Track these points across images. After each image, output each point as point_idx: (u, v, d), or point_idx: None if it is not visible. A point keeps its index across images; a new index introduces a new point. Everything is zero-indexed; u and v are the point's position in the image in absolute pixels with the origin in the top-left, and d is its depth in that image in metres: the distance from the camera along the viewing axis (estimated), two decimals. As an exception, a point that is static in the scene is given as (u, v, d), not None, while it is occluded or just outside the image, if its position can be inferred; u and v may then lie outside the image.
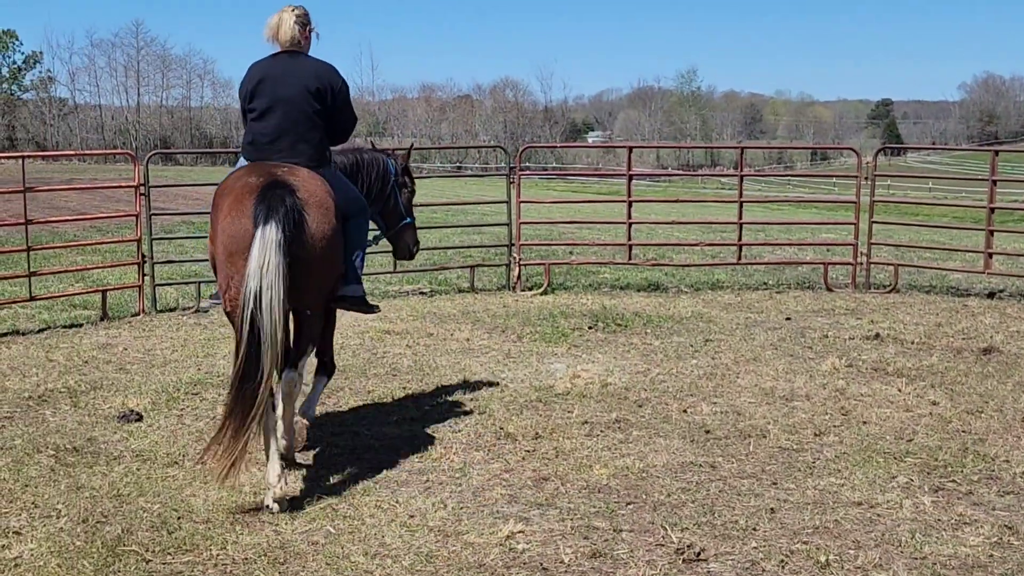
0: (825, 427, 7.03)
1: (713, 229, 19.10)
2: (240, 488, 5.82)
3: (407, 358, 9.17)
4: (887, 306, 11.90)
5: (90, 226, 20.85)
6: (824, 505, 5.57)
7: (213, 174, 60.45)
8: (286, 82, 6.24)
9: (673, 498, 5.69)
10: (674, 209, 24.10)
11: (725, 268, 14.41)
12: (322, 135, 6.36)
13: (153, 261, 11.73)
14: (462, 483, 5.96)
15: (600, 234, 19.27)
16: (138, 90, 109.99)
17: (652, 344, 9.76)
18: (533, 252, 15.11)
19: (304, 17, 6.43)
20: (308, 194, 5.74)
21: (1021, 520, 5.33)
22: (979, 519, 5.35)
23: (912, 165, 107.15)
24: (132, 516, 5.41)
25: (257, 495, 5.72)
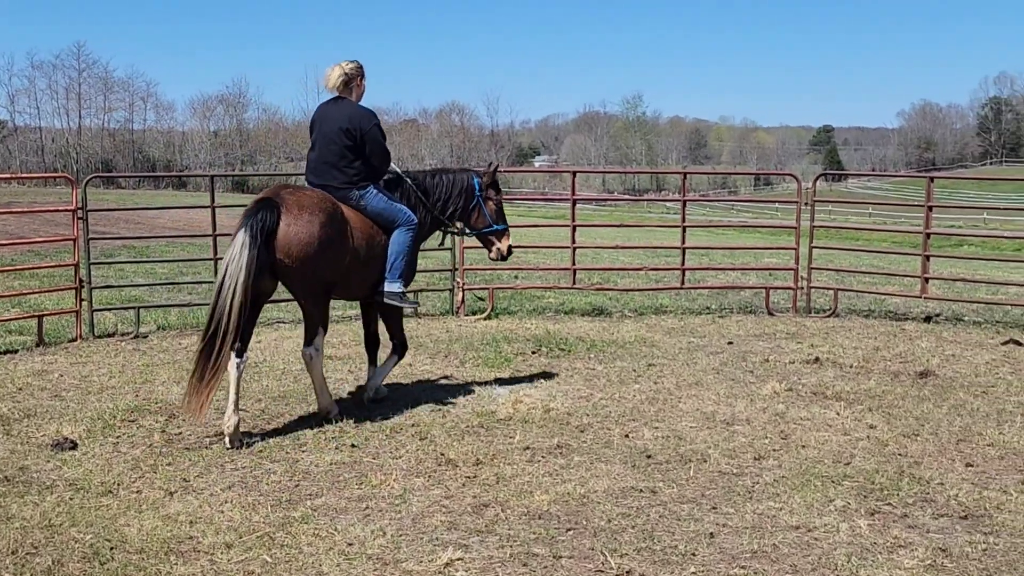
0: (765, 451, 7.08)
1: (657, 254, 19.27)
2: (175, 517, 5.74)
3: (349, 384, 9.11)
4: (827, 330, 12.03)
5: (28, 250, 20.52)
6: (762, 529, 5.60)
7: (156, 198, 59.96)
8: (327, 122, 7.90)
9: (613, 524, 5.68)
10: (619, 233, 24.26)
11: (669, 293, 14.50)
12: (355, 164, 7.86)
13: (91, 286, 11.56)
14: (402, 510, 5.91)
15: (545, 258, 19.33)
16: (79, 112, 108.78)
17: (595, 369, 9.78)
18: (477, 276, 15.11)
19: (353, 71, 8.01)
20: (292, 207, 7.24)
21: (955, 543, 5.40)
22: (914, 542, 5.41)
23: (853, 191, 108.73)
24: (64, 547, 5.30)
25: (193, 524, 5.64)
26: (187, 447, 7.15)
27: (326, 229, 7.34)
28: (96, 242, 13.32)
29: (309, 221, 7.25)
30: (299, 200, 7.34)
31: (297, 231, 7.19)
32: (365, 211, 7.90)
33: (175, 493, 6.19)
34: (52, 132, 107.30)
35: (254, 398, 8.53)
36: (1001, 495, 6.17)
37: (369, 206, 7.90)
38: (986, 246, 37.84)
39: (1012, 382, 9.31)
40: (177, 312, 12.73)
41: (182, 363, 9.89)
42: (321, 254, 7.32)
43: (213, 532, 5.52)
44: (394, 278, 7.99)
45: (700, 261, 18.76)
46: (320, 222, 7.31)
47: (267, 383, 9.07)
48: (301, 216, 7.24)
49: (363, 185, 7.89)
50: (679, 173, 15.86)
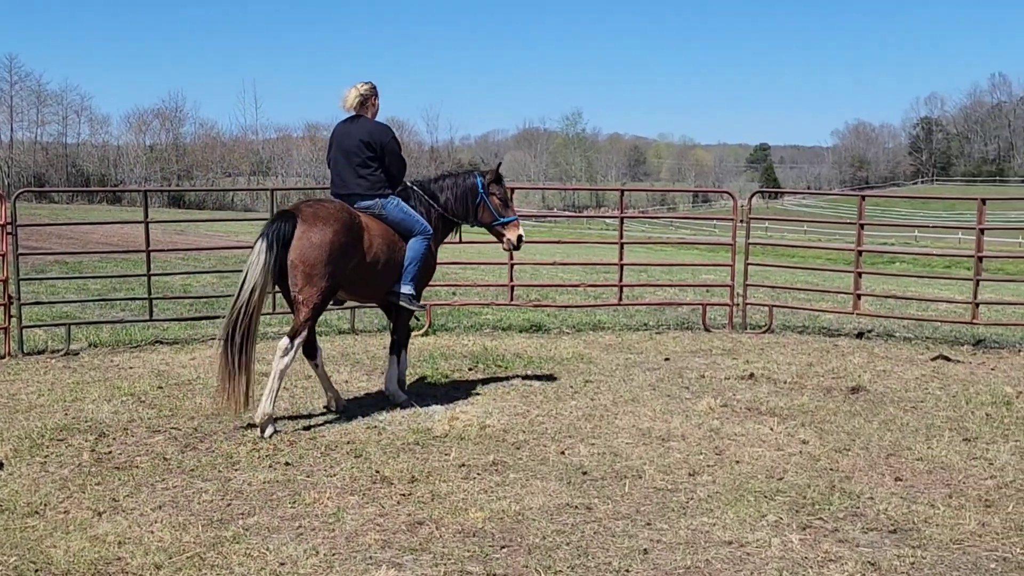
0: (699, 467, 7.12)
1: (596, 270, 19.36)
2: (104, 538, 5.63)
3: (284, 400, 9.01)
4: (762, 346, 12.16)
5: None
6: (696, 545, 5.63)
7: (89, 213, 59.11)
8: (348, 138, 8.67)
9: (548, 541, 5.68)
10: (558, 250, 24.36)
11: (607, 309, 14.57)
12: (376, 173, 8.66)
13: (20, 302, 11.35)
14: (335, 528, 5.86)
15: (483, 275, 19.31)
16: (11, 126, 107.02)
17: (532, 385, 9.78)
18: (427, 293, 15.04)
19: (368, 92, 8.78)
20: (308, 219, 7.95)
21: (884, 556, 5.47)
22: (844, 556, 5.47)
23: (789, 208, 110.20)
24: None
25: (121, 545, 5.54)
26: (117, 466, 7.03)
27: (339, 238, 7.97)
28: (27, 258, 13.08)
29: (322, 231, 7.90)
30: (316, 211, 8.01)
31: (309, 240, 7.86)
32: (386, 220, 8.65)
33: (104, 513, 6.08)
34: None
35: (187, 416, 8.41)
36: (929, 509, 6.26)
37: (390, 216, 8.66)
38: (917, 263, 38.58)
39: (941, 397, 9.47)
40: (109, 329, 12.53)
41: (113, 380, 9.74)
42: (330, 263, 7.92)
43: (142, 553, 5.43)
44: (407, 282, 8.70)
45: (638, 278, 18.89)
46: (333, 231, 7.94)
47: (200, 400, 8.96)
48: (315, 226, 7.90)
49: (385, 194, 8.69)
50: (617, 190, 15.95)
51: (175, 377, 9.97)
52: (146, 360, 10.87)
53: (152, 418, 8.36)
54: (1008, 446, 7.74)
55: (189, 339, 12.22)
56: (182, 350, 11.49)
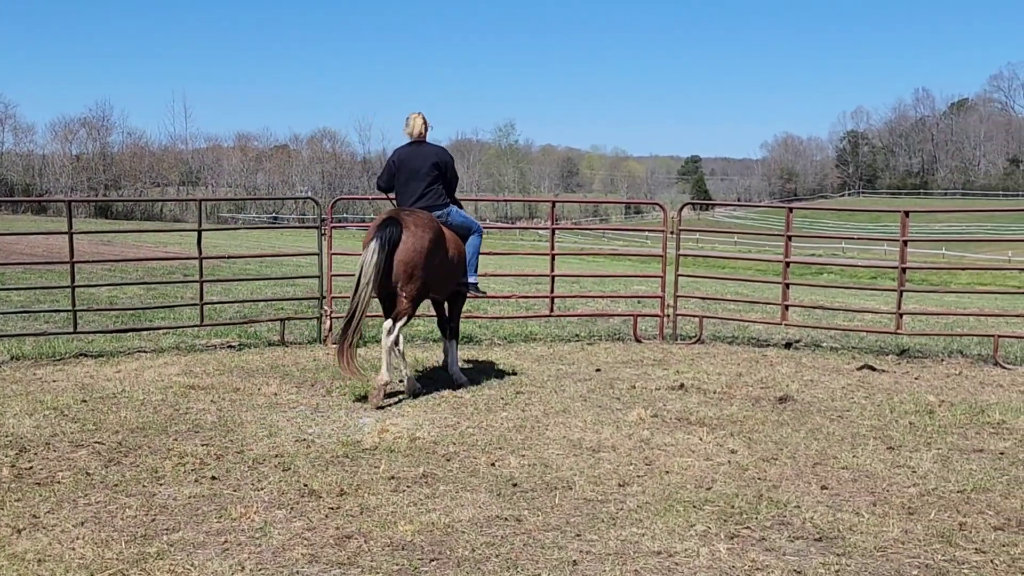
0: (629, 477, 7.15)
1: (528, 281, 19.39)
2: (23, 556, 5.50)
3: (211, 414, 8.90)
4: (692, 356, 12.26)
5: None
6: (625, 555, 5.64)
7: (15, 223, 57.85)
8: (417, 160, 10.19)
9: (477, 553, 5.66)
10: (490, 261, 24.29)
11: (538, 320, 14.59)
12: (440, 188, 10.26)
13: (-62, 314, 11.07)
14: (262, 543, 5.78)
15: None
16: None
17: (463, 397, 9.75)
18: (345, 304, 14.93)
19: (426, 121, 10.41)
20: (410, 226, 9.47)
21: (809, 564, 5.53)
22: (771, 565, 5.52)
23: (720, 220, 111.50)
24: (-101, 590, 5.03)
25: (41, 563, 5.41)
26: (38, 482, 6.88)
27: (433, 243, 9.54)
28: (-55, 269, 12.76)
29: (422, 237, 9.46)
30: (416, 220, 9.55)
31: (413, 244, 9.40)
32: (451, 225, 10.19)
33: (23, 530, 5.93)
34: None
35: (111, 430, 8.25)
36: (854, 517, 6.35)
37: (454, 222, 10.26)
38: (844, 274, 39.21)
39: (866, 406, 9.61)
40: (32, 341, 12.28)
41: (36, 394, 9.53)
42: (426, 263, 9.49)
43: (63, 571, 5.31)
44: (473, 272, 10.39)
45: (570, 289, 18.94)
46: (430, 237, 9.51)
47: (125, 414, 8.79)
48: (417, 232, 9.45)
49: (447, 204, 10.30)
50: (549, 201, 15.98)
51: (100, 390, 9.78)
52: (70, 373, 10.66)
53: (75, 432, 8.19)
54: (931, 454, 7.88)
55: (115, 351, 12.01)
56: (107, 363, 11.28)
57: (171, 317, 14.70)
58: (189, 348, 12.27)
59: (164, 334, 13.23)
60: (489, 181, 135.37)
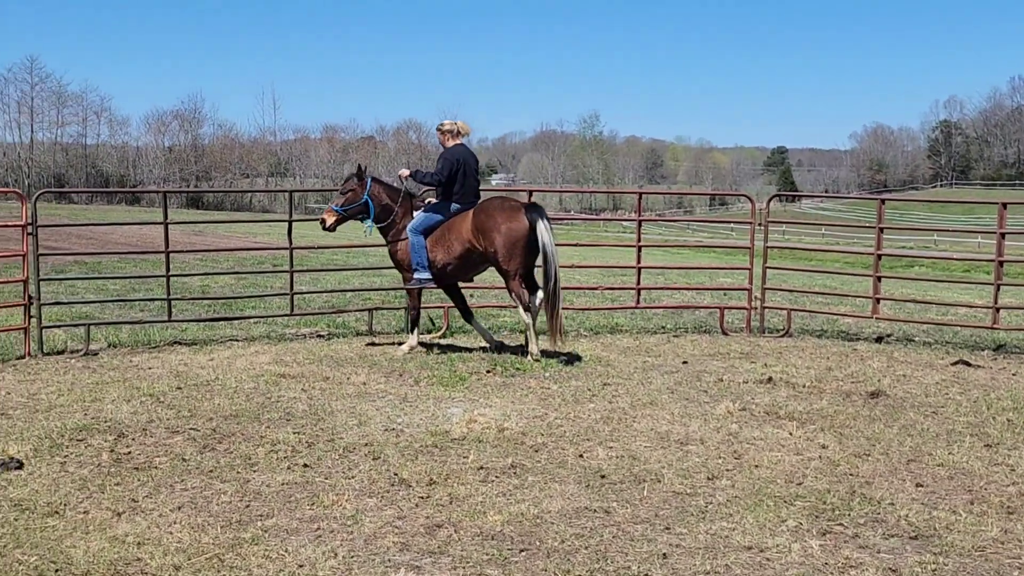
0: (718, 471, 7.10)
1: (613, 273, 19.34)
2: (123, 538, 5.65)
3: (302, 402, 9.04)
4: (780, 350, 12.12)
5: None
6: (715, 550, 5.60)
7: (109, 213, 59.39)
8: (472, 160, 11.55)
9: (566, 544, 5.67)
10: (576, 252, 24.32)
11: (624, 312, 14.55)
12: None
13: (40, 303, 11.40)
14: (354, 531, 5.86)
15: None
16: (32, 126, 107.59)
17: (550, 388, 9.77)
18: (433, 295, 15.06)
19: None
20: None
21: (905, 563, 5.43)
22: (865, 562, 5.43)
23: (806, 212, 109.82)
24: (7, 569, 5.20)
25: (140, 546, 5.55)
26: (136, 467, 7.05)
27: None
28: (47, 258, 13.14)
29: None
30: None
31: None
32: None
33: (123, 514, 6.09)
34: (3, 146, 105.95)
35: (205, 417, 8.43)
36: (950, 515, 6.22)
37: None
38: (936, 267, 38.41)
39: (962, 403, 9.41)
40: (128, 329, 12.58)
41: (133, 381, 9.78)
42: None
43: (161, 554, 5.44)
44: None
45: (656, 280, 18.85)
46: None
47: (219, 401, 8.98)
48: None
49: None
50: (636, 193, 15.91)
51: (194, 378, 9.99)
52: (165, 361, 10.91)
53: (171, 418, 8.38)
54: (1030, 452, 7.68)
55: (207, 340, 12.26)
56: (200, 351, 11.53)
57: (261, 306, 14.95)
58: (279, 337, 12.47)
59: (255, 323, 13.47)
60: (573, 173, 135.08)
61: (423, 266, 11.30)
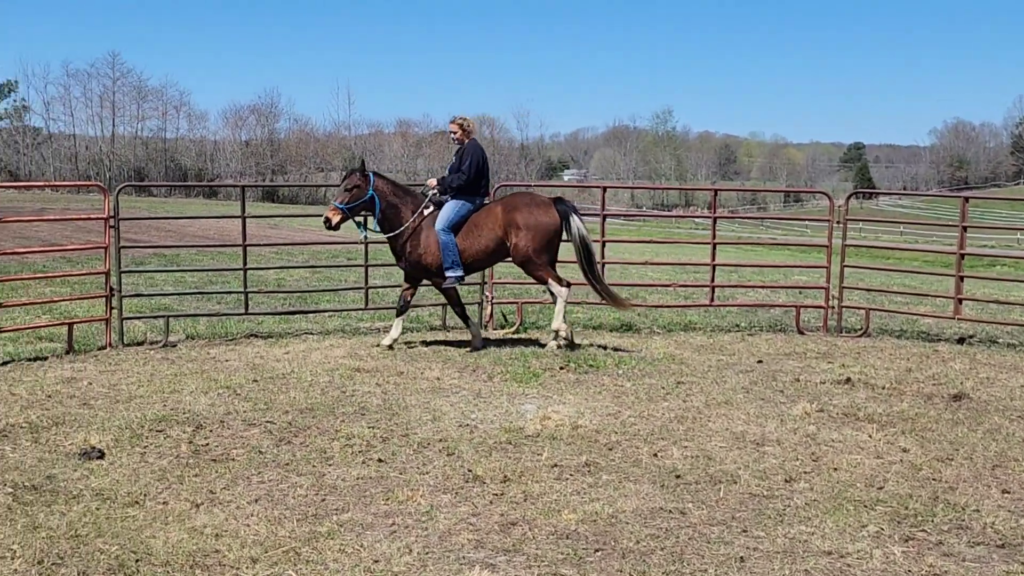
0: (796, 473, 6.98)
1: (686, 270, 19.15)
2: (201, 530, 5.71)
3: (376, 397, 9.08)
4: (858, 350, 11.91)
5: (60, 257, 20.64)
6: (794, 554, 5.51)
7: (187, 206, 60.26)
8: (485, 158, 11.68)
9: (642, 545, 5.61)
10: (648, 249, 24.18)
11: (698, 309, 14.41)
12: None
13: (121, 294, 11.59)
14: (428, 527, 5.86)
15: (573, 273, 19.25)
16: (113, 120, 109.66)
17: (623, 386, 9.70)
18: (506, 290, 15.07)
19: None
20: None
21: (991, 572, 5.29)
22: (949, 571, 5.30)
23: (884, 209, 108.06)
24: (89, 558, 5.29)
25: (218, 537, 5.61)
26: (214, 459, 7.14)
27: None
28: (127, 250, 13.35)
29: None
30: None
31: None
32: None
33: (201, 505, 6.17)
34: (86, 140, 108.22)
35: (281, 410, 8.51)
36: (1038, 523, 6.04)
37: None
38: (1019, 267, 37.50)
39: (1048, 407, 9.15)
40: (206, 322, 12.75)
41: (210, 373, 9.91)
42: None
43: (239, 546, 5.49)
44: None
45: (729, 278, 18.66)
46: None
47: (295, 395, 9.05)
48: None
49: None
50: (710, 190, 15.76)
51: (269, 371, 10.09)
52: (241, 353, 11.03)
53: (247, 411, 8.47)
54: (1121, 459, 7.44)
55: (283, 333, 12.38)
56: (276, 344, 11.64)
57: (336, 300, 15.05)
58: (354, 331, 12.55)
59: (330, 317, 13.57)
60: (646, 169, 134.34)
61: (457, 264, 11.22)
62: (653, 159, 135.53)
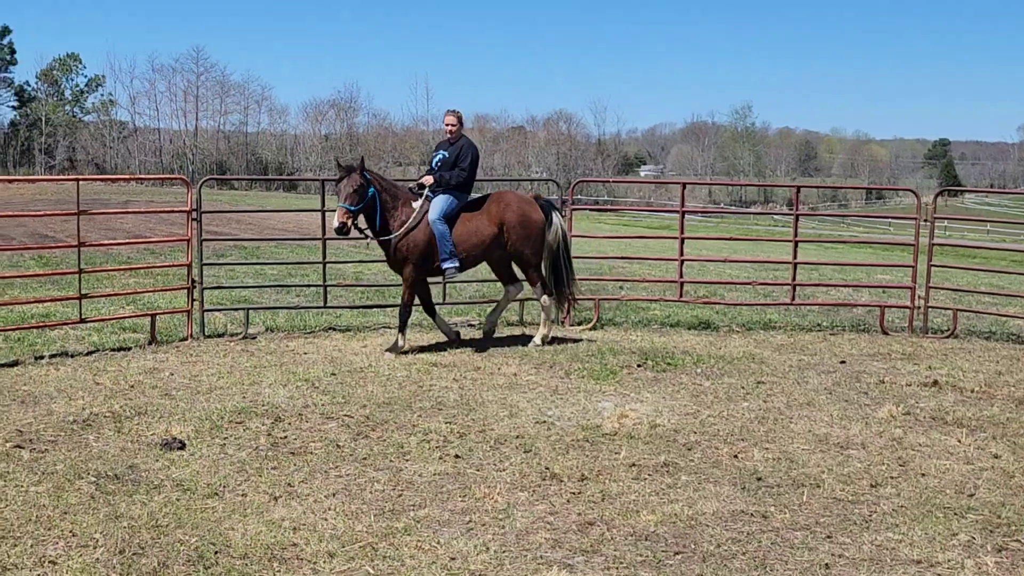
0: (882, 478, 6.80)
1: (766, 267, 18.88)
2: (279, 523, 5.72)
3: (453, 392, 9.05)
4: (945, 352, 11.61)
5: (144, 248, 20.99)
6: (881, 562, 5.35)
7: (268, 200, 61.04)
8: None
9: (723, 549, 5.50)
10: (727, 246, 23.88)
11: (778, 308, 14.18)
12: None
13: (203, 286, 11.72)
14: (505, 525, 5.81)
15: (651, 270, 19.11)
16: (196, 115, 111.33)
17: (702, 385, 9.56)
18: (583, 286, 14.94)
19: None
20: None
21: (1090, 585, 5.09)
22: (1045, 583, 5.11)
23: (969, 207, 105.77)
24: (169, 549, 5.32)
25: (296, 531, 5.61)
26: (292, 451, 7.16)
27: None
28: (209, 242, 13.52)
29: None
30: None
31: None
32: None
33: (279, 498, 6.18)
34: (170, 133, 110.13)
35: (359, 404, 8.52)
36: None
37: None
38: (1112, 267, 36.34)
39: None
40: (285, 314, 12.85)
41: (289, 365, 9.97)
42: None
43: (316, 540, 5.49)
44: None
45: (810, 276, 18.33)
46: None
47: (372, 388, 9.07)
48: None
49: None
50: (792, 186, 15.49)
51: (347, 364, 10.12)
52: (320, 346, 11.09)
53: (326, 404, 8.50)
54: None
55: (361, 327, 12.43)
56: (354, 337, 11.69)
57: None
58: (431, 325, 12.53)
59: (407, 311, 13.56)
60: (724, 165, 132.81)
61: (453, 254, 10.92)
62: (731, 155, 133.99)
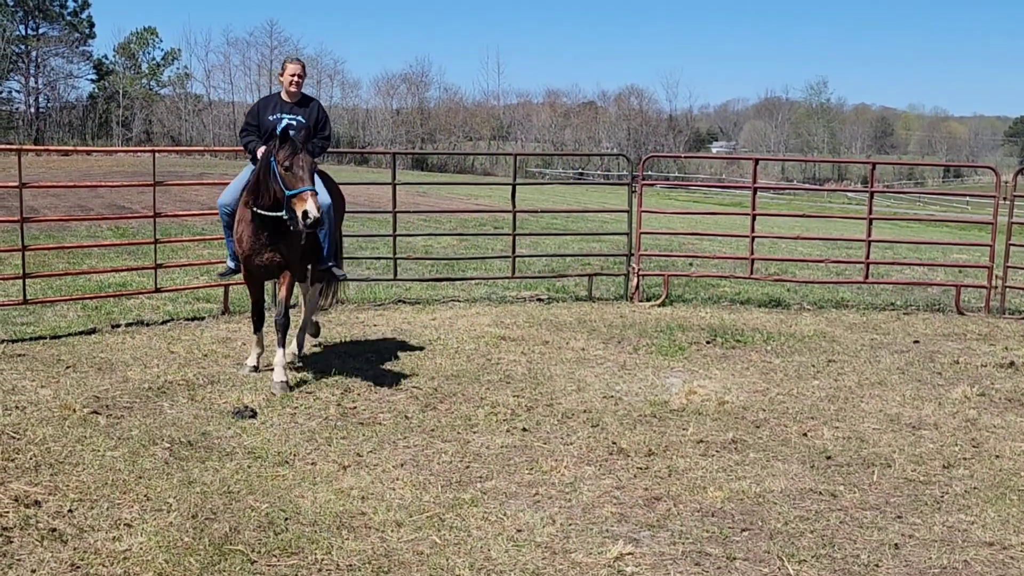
0: (955, 459, 6.70)
1: (838, 245, 18.63)
2: (348, 491, 5.80)
3: (521, 365, 9.08)
4: (1023, 333, 11.37)
5: (218, 220, 21.23)
6: (952, 544, 5.27)
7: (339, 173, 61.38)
8: None
9: (791, 527, 5.46)
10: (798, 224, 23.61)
11: (850, 286, 14.00)
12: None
13: (275, 258, 11.83)
14: (572, 499, 5.82)
15: (721, 247, 18.94)
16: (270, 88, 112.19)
17: (772, 362, 9.48)
18: (652, 263, 14.89)
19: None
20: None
21: None
22: (1123, 569, 5.00)
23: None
24: (240, 514, 5.42)
25: (364, 500, 5.68)
26: (361, 422, 7.24)
27: None
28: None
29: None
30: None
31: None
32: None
33: (348, 467, 6.26)
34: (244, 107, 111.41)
35: (427, 376, 8.58)
36: None
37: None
38: None
39: None
40: (355, 286, 12.96)
41: (358, 337, 10.06)
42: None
43: (384, 509, 5.55)
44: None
45: (883, 255, 18.06)
46: None
47: (441, 361, 9.13)
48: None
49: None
50: (867, 163, 15.24)
51: (416, 336, 10.20)
52: (389, 319, 11.18)
53: (394, 376, 8.57)
54: None
55: (430, 299, 12.50)
56: (423, 310, 11.76)
57: (483, 268, 15.14)
58: (500, 299, 12.59)
59: (476, 284, 13.65)
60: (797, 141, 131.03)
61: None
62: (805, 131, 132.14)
